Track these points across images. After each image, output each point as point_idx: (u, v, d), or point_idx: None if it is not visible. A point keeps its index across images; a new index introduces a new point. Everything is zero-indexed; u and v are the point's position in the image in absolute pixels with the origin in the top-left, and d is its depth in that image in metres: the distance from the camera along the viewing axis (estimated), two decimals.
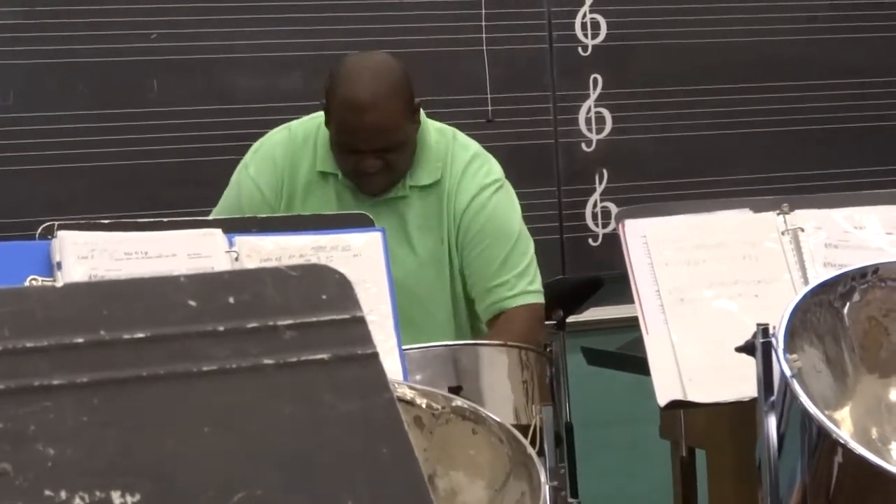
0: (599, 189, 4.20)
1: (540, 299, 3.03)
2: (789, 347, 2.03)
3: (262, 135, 3.15)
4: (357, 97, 2.84)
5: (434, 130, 3.02)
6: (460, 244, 3.00)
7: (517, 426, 2.25)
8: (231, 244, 2.31)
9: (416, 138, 2.97)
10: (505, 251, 3.00)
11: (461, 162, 3.02)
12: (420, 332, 2.93)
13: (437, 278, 3.01)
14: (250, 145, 3.13)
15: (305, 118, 3.09)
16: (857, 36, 4.40)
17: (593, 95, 4.19)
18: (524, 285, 3.01)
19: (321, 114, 3.05)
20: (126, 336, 1.07)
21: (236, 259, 2.29)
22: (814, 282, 2.26)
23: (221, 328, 1.10)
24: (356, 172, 2.93)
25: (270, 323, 1.12)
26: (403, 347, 2.37)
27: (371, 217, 2.51)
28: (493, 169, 3.05)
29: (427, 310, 3.00)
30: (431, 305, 3.01)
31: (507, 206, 3.04)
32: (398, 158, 2.92)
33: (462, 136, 3.08)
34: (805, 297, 2.14)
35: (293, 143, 3.02)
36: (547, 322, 3.18)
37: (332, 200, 2.99)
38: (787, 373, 2.00)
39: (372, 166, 2.89)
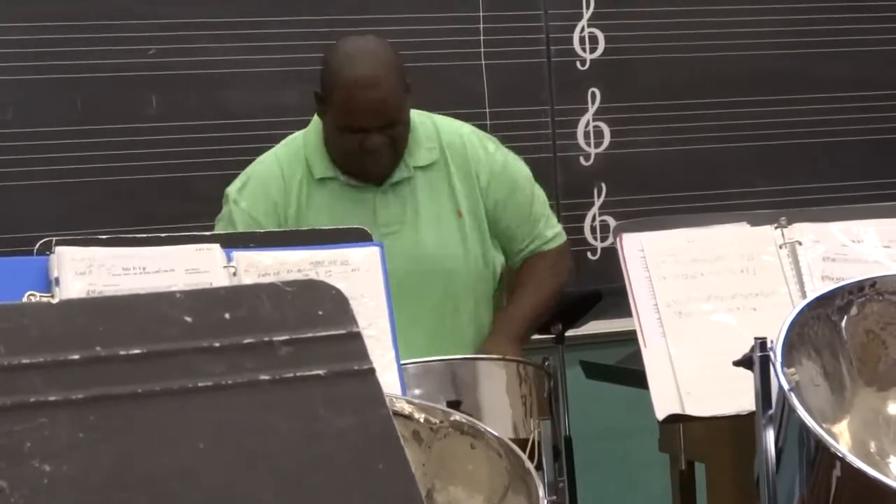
0: (598, 203, 4.20)
1: (562, 238, 3.23)
2: (787, 361, 2.03)
3: (260, 150, 3.15)
4: (361, 76, 2.90)
5: (415, 113, 3.07)
6: (493, 208, 3.09)
7: (516, 440, 2.25)
8: (229, 259, 2.31)
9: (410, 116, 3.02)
10: (533, 203, 3.15)
11: (450, 136, 3.09)
12: (447, 310, 2.98)
13: (462, 250, 3.05)
14: (248, 160, 3.12)
15: (286, 141, 3.10)
16: (855, 49, 4.40)
17: (591, 109, 4.19)
18: (550, 230, 3.19)
19: (299, 132, 3.07)
20: (122, 352, 1.07)
21: (234, 274, 2.29)
22: (811, 295, 2.26)
23: (217, 344, 1.10)
24: (362, 153, 2.93)
25: (266, 339, 1.12)
26: (402, 362, 2.37)
27: (369, 232, 2.51)
28: (482, 134, 3.17)
29: (452, 285, 3.02)
30: (457, 279, 3.04)
31: (516, 159, 3.18)
32: (401, 133, 2.97)
33: (437, 116, 3.16)
34: (803, 310, 2.14)
35: (284, 169, 3.01)
36: (546, 335, 3.19)
37: (337, 202, 2.99)
38: (785, 386, 2.00)
39: (377, 142, 2.92)
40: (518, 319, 3.10)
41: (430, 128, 3.07)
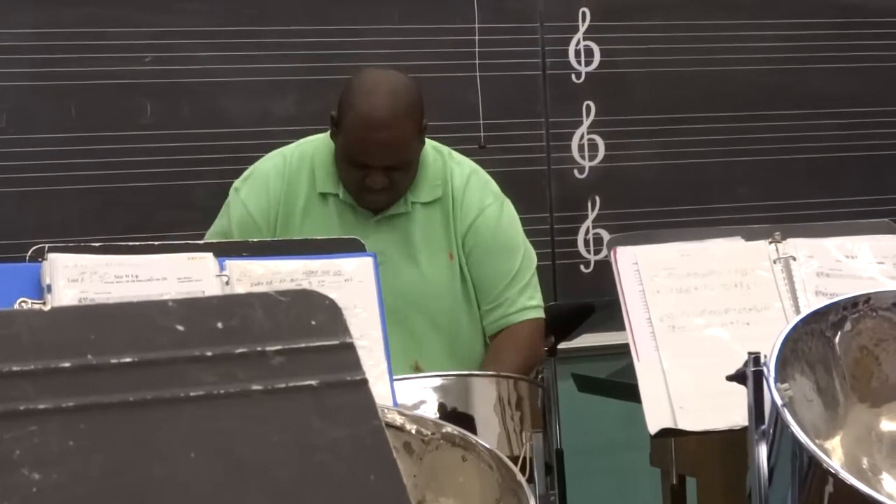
0: (591, 216, 4.20)
1: (541, 314, 3.07)
2: (780, 376, 2.03)
3: (254, 159, 3.14)
4: (374, 114, 2.86)
5: (431, 149, 3.05)
6: (468, 259, 3.03)
7: (508, 457, 2.25)
8: (222, 268, 2.30)
9: (420, 157, 2.98)
10: (513, 267, 3.05)
11: (460, 179, 3.05)
12: (428, 347, 2.96)
13: (449, 292, 3.02)
14: (243, 169, 3.12)
15: (300, 142, 3.10)
16: (849, 66, 4.41)
17: (586, 122, 4.20)
18: (525, 300, 3.05)
19: (315, 137, 3.07)
20: (113, 360, 1.06)
21: (227, 283, 2.28)
22: (805, 311, 2.26)
23: (209, 353, 1.10)
24: (361, 188, 2.93)
25: (259, 348, 1.12)
26: (395, 378, 2.36)
27: (363, 242, 2.51)
28: (492, 186, 3.11)
29: (439, 323, 3.01)
30: (444, 319, 3.02)
31: (511, 221, 3.09)
32: (404, 177, 2.95)
33: (456, 154, 3.12)
34: (796, 325, 2.14)
35: (288, 169, 3.02)
36: None
37: (334, 220, 2.99)
38: (779, 402, 1.99)
39: (378, 183, 2.90)
40: None
41: (441, 166, 3.04)
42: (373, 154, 2.87)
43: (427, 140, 3.04)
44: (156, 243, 2.36)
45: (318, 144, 3.05)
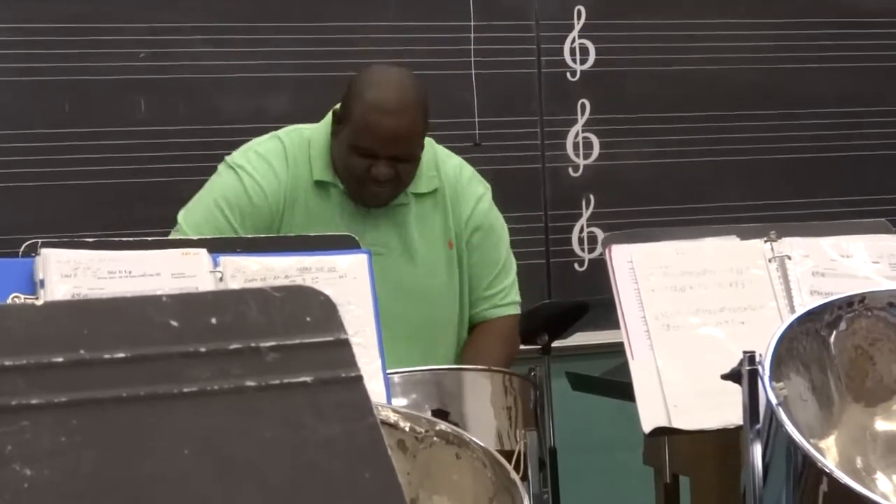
0: (586, 214, 4.20)
1: (519, 309, 3.17)
2: (775, 375, 2.03)
3: None
4: (386, 102, 2.89)
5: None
6: (468, 247, 3.08)
7: (501, 451, 2.25)
8: (215, 264, 2.30)
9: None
10: (503, 258, 3.12)
11: (452, 170, 3.09)
12: (426, 340, 2.96)
13: (449, 280, 3.05)
14: None
15: (289, 129, 3.07)
16: (846, 65, 4.41)
17: (581, 121, 4.19)
18: (514, 295, 3.14)
19: (309, 126, 3.05)
20: (106, 356, 1.06)
21: (220, 279, 2.28)
22: (800, 310, 2.26)
23: (203, 349, 1.09)
24: (365, 179, 2.92)
25: (253, 344, 1.11)
26: (388, 371, 2.36)
27: (357, 239, 2.50)
28: (480, 178, 3.16)
29: (434, 314, 3.01)
30: (440, 309, 3.03)
31: (499, 214, 3.15)
32: (408, 171, 2.95)
33: (438, 145, 3.14)
34: (791, 325, 2.14)
35: (288, 153, 3.00)
36: (532, 346, 3.19)
37: (335, 209, 2.98)
38: (773, 401, 1.99)
39: (384, 174, 2.90)
40: None
41: (431, 155, 3.06)
42: (382, 141, 2.87)
43: None
44: (149, 239, 2.35)
45: (312, 133, 3.03)
